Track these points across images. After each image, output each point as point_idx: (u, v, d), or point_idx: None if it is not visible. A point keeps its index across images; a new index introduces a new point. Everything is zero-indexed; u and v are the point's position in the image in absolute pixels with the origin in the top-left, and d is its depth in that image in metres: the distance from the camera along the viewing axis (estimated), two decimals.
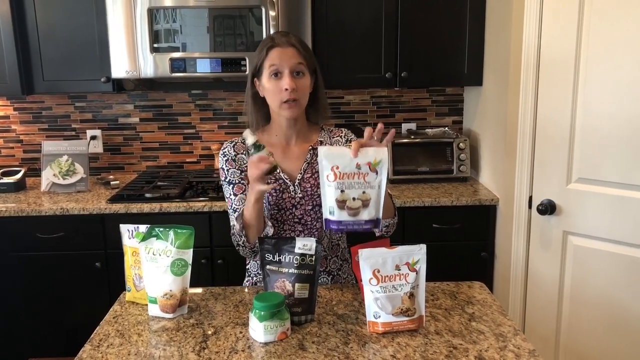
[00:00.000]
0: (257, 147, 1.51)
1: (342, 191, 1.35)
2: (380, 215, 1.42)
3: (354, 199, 1.36)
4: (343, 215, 1.37)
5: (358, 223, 1.38)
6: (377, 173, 1.38)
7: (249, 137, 1.51)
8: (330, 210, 1.38)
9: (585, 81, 2.16)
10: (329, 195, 1.38)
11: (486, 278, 2.73)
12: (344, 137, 1.79)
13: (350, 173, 1.36)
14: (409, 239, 2.66)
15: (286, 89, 1.60)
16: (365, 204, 1.37)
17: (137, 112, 3.22)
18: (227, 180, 1.72)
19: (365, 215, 1.39)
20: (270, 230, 1.64)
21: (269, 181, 1.55)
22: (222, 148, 1.75)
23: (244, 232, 1.62)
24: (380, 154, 1.39)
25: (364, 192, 1.37)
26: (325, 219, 1.41)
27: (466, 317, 1.48)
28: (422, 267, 1.39)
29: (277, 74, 1.62)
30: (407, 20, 2.80)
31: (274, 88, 1.63)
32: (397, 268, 1.37)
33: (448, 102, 3.28)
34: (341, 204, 1.36)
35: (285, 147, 1.75)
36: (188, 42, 2.69)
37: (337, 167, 1.36)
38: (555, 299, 2.37)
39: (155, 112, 3.23)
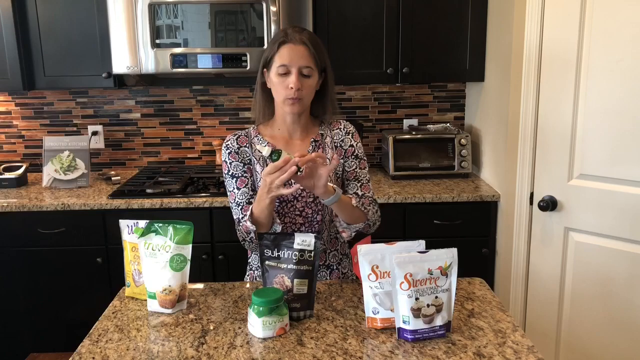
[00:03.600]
0: (277, 153, 1.49)
1: (416, 299, 1.32)
2: (452, 317, 1.38)
3: (428, 305, 1.33)
4: (419, 324, 1.32)
5: (433, 330, 1.34)
6: (447, 276, 1.35)
7: (264, 149, 1.50)
8: (404, 319, 1.33)
9: (587, 77, 2.15)
10: (402, 305, 1.33)
11: (487, 274, 2.73)
12: (343, 129, 1.79)
13: (422, 279, 1.33)
14: (410, 235, 2.66)
15: (291, 87, 1.62)
16: (439, 308, 1.34)
17: (138, 107, 3.22)
18: (229, 173, 1.72)
19: (439, 320, 1.34)
20: (278, 227, 1.64)
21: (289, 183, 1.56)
22: (225, 141, 1.75)
23: (251, 235, 1.63)
24: (451, 256, 1.36)
25: (436, 297, 1.33)
26: (399, 328, 1.35)
27: (465, 313, 1.48)
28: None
29: (286, 72, 1.63)
30: (408, 16, 2.79)
31: (281, 84, 1.64)
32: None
33: (450, 98, 3.27)
34: (416, 312, 1.32)
35: (287, 141, 1.75)
36: (189, 37, 2.68)
37: (411, 275, 1.32)
38: (556, 295, 2.37)
39: (157, 107, 3.23)
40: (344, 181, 1.78)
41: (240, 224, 1.67)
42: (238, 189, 1.71)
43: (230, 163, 1.72)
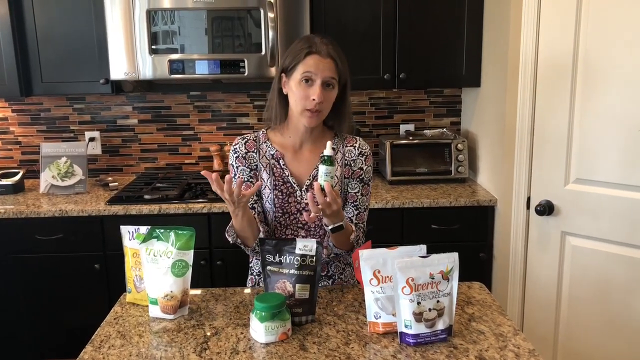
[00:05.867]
0: (328, 160, 1.49)
1: (418, 303, 1.33)
2: (453, 321, 1.39)
3: (430, 309, 1.34)
4: (421, 328, 1.33)
5: (435, 334, 1.35)
6: (448, 280, 1.36)
7: (328, 148, 1.49)
8: (405, 323, 1.34)
9: (583, 82, 2.17)
10: (404, 309, 1.33)
11: (485, 279, 2.74)
12: (357, 148, 1.76)
13: (424, 284, 1.34)
14: (408, 240, 2.67)
15: (313, 99, 1.58)
16: (440, 313, 1.35)
17: (135, 113, 3.22)
18: (236, 177, 1.72)
19: (441, 324, 1.35)
20: (261, 235, 1.65)
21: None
22: (233, 144, 1.74)
23: (239, 241, 1.66)
24: (452, 261, 1.37)
25: (438, 301, 1.34)
26: (401, 333, 1.35)
27: (466, 317, 1.49)
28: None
29: (308, 81, 1.59)
30: (405, 22, 2.81)
31: (302, 93, 1.60)
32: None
33: (446, 104, 3.29)
34: (418, 316, 1.33)
35: (297, 150, 1.73)
36: (186, 43, 2.69)
37: (413, 279, 1.33)
38: (553, 299, 2.38)
39: (154, 113, 3.23)
40: (344, 200, 1.76)
41: (230, 238, 1.68)
42: None
43: (237, 167, 1.72)
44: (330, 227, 1.58)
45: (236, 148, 1.73)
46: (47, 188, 2.88)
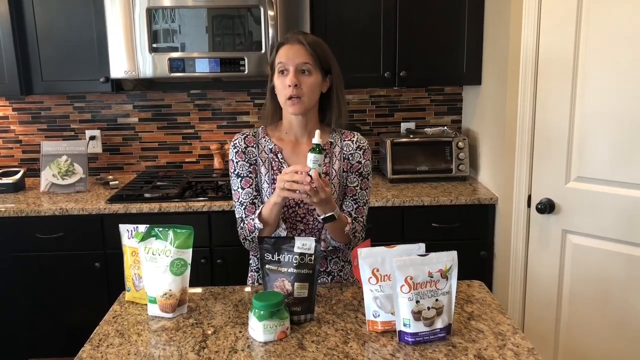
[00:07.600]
0: (317, 149, 1.50)
1: (417, 302, 1.32)
2: (452, 320, 1.38)
3: (428, 308, 1.33)
4: (419, 327, 1.33)
5: (434, 333, 1.34)
6: (447, 279, 1.36)
7: (317, 137, 1.51)
8: (404, 322, 1.33)
9: (583, 80, 2.16)
10: (403, 307, 1.33)
11: (485, 277, 2.74)
12: (355, 142, 1.78)
13: (423, 282, 1.33)
14: (408, 238, 2.67)
15: (289, 85, 1.62)
16: (439, 311, 1.34)
17: (136, 112, 3.22)
18: (235, 172, 1.73)
19: (440, 323, 1.35)
20: (283, 232, 1.65)
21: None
22: (233, 139, 1.76)
23: (259, 225, 1.63)
24: (451, 259, 1.37)
25: (437, 300, 1.34)
26: (400, 331, 1.35)
27: (465, 316, 1.49)
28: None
29: (283, 72, 1.65)
30: (405, 20, 2.80)
31: (281, 84, 1.65)
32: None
33: (447, 102, 3.28)
34: (417, 315, 1.32)
35: (294, 145, 1.75)
36: (187, 42, 2.69)
37: (411, 278, 1.32)
38: (554, 298, 2.38)
39: (154, 112, 3.23)
40: (343, 194, 1.77)
41: (245, 223, 1.68)
42: (242, 188, 1.72)
43: (236, 162, 1.73)
44: (321, 217, 1.59)
45: (236, 143, 1.75)
46: (47, 186, 2.89)
